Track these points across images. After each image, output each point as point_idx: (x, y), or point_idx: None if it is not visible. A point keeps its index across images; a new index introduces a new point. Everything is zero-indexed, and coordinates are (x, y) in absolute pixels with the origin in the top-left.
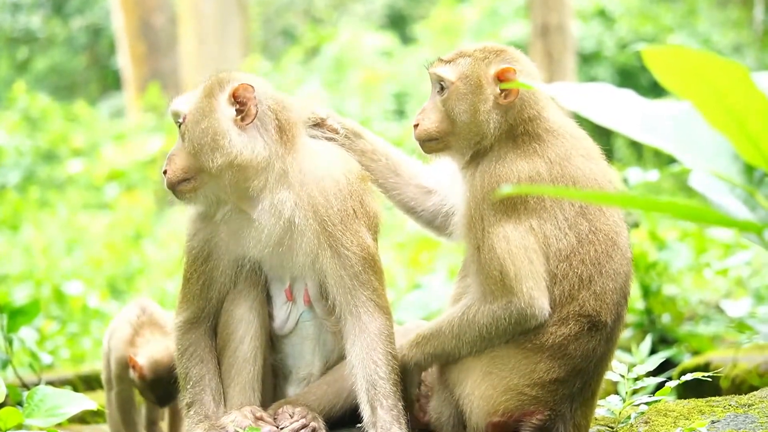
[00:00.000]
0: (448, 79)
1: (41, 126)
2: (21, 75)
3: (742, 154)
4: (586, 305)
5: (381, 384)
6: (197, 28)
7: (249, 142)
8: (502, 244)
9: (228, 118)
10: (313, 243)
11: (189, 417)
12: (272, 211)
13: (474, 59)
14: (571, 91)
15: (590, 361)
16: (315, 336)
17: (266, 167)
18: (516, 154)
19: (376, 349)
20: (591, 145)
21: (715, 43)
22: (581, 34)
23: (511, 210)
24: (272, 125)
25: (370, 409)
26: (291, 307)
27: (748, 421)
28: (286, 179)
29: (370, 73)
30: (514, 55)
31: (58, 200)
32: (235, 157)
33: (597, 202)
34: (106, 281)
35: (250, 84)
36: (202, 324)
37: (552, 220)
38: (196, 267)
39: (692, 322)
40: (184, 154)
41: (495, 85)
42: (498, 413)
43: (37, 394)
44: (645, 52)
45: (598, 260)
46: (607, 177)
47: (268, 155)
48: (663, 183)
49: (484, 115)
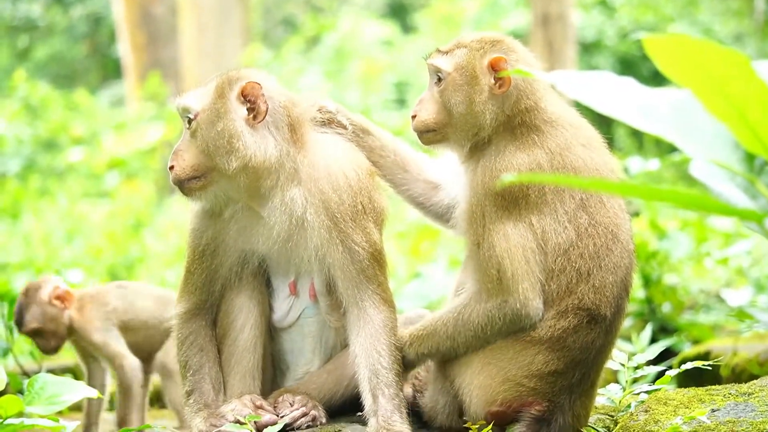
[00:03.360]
0: (444, 70)
1: (41, 114)
2: (21, 63)
3: (743, 142)
4: (585, 299)
5: (383, 373)
6: (197, 17)
7: (261, 142)
8: (501, 242)
9: (241, 118)
10: (323, 238)
11: (188, 405)
12: (283, 209)
13: (470, 50)
14: (572, 80)
15: (589, 353)
16: (317, 333)
17: (278, 167)
18: (515, 147)
19: (380, 340)
20: (592, 135)
21: (716, 32)
22: (582, 24)
23: (513, 205)
24: (283, 123)
25: (372, 397)
26: (293, 301)
27: (748, 410)
28: (297, 176)
29: (370, 63)
30: (510, 45)
31: (58, 189)
32: (250, 160)
33: (598, 190)
34: (106, 270)
35: (258, 82)
36: (202, 315)
37: (552, 214)
38: (201, 262)
39: (692, 311)
40: (194, 151)
41: (490, 75)
42: (496, 403)
43: (38, 381)
44: (646, 41)
45: (598, 254)
46: (609, 166)
47: (279, 155)
48: (664, 172)
49: (479, 105)
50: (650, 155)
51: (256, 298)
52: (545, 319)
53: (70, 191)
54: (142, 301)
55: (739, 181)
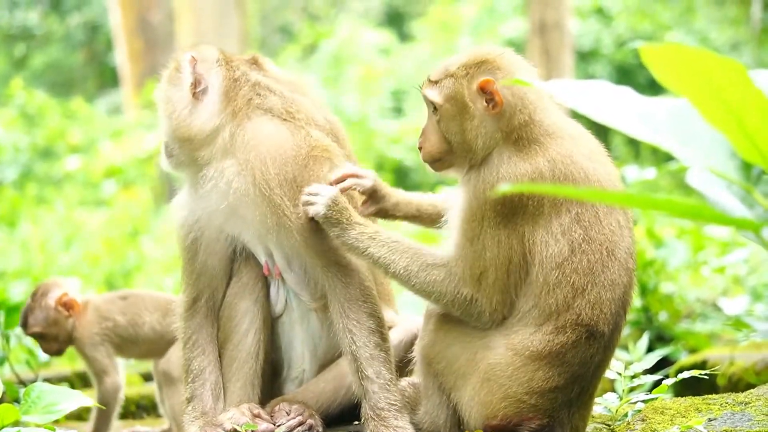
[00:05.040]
0: (436, 102)
1: (38, 122)
2: (18, 71)
3: (740, 151)
4: (582, 314)
5: (360, 353)
6: (195, 24)
7: (197, 113)
8: (493, 248)
9: (186, 90)
10: (259, 211)
11: (186, 413)
12: (218, 179)
13: (456, 78)
14: (569, 89)
15: (588, 368)
16: (300, 317)
17: (212, 138)
18: (518, 157)
19: (349, 316)
20: (595, 147)
21: (713, 40)
22: (579, 32)
23: (511, 214)
24: (218, 95)
25: (358, 380)
26: (279, 284)
27: (744, 419)
28: (230, 149)
29: (367, 70)
30: (497, 63)
31: (55, 197)
32: (179, 128)
33: (595, 201)
34: (103, 278)
35: (194, 55)
36: (203, 310)
37: (546, 226)
38: (184, 245)
39: (689, 319)
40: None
41: (481, 98)
42: (497, 419)
43: (34, 390)
44: (643, 49)
45: (592, 270)
46: (612, 179)
47: (212, 126)
48: (660, 181)
49: (473, 132)
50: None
51: (260, 302)
52: (545, 334)
53: (68, 199)
54: (147, 315)
55: (736, 190)
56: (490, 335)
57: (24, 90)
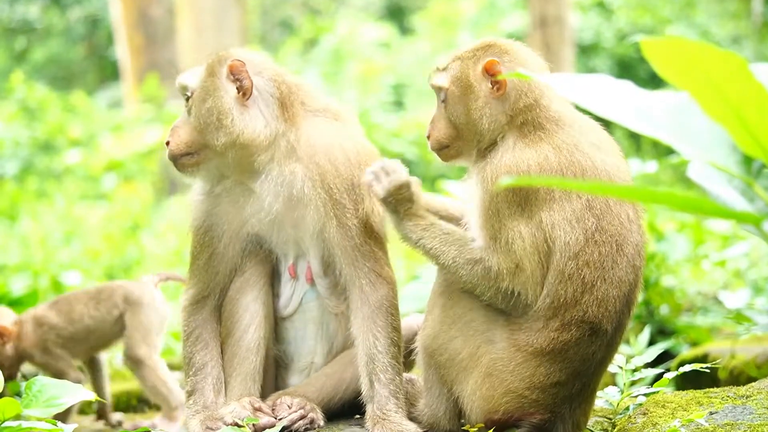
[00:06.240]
0: (442, 86)
1: (39, 116)
2: (19, 65)
3: (740, 145)
4: (588, 311)
5: (379, 358)
6: (195, 19)
7: (250, 119)
8: (518, 241)
9: (230, 96)
10: (320, 213)
11: (188, 406)
12: (280, 182)
13: (463, 60)
14: (570, 83)
15: (590, 365)
16: (318, 318)
17: (271, 143)
18: (524, 143)
19: (376, 322)
20: (603, 137)
21: (714, 34)
22: (580, 26)
23: (524, 202)
24: (273, 100)
25: (369, 382)
26: (295, 285)
27: (746, 413)
28: (294, 153)
29: (368, 65)
30: (503, 47)
31: (55, 191)
32: (238, 136)
33: (598, 192)
34: (103, 272)
35: (242, 59)
36: (208, 305)
37: (561, 212)
38: (199, 240)
39: (690, 313)
40: (189, 129)
41: (486, 80)
42: (498, 413)
43: (35, 384)
44: (644, 43)
45: (603, 265)
46: (621, 170)
47: (270, 132)
48: (661, 174)
49: (477, 112)
50: (648, 158)
51: (261, 299)
52: (549, 331)
53: (68, 193)
54: (80, 308)
55: (737, 184)
56: (493, 328)
57: (24, 84)
